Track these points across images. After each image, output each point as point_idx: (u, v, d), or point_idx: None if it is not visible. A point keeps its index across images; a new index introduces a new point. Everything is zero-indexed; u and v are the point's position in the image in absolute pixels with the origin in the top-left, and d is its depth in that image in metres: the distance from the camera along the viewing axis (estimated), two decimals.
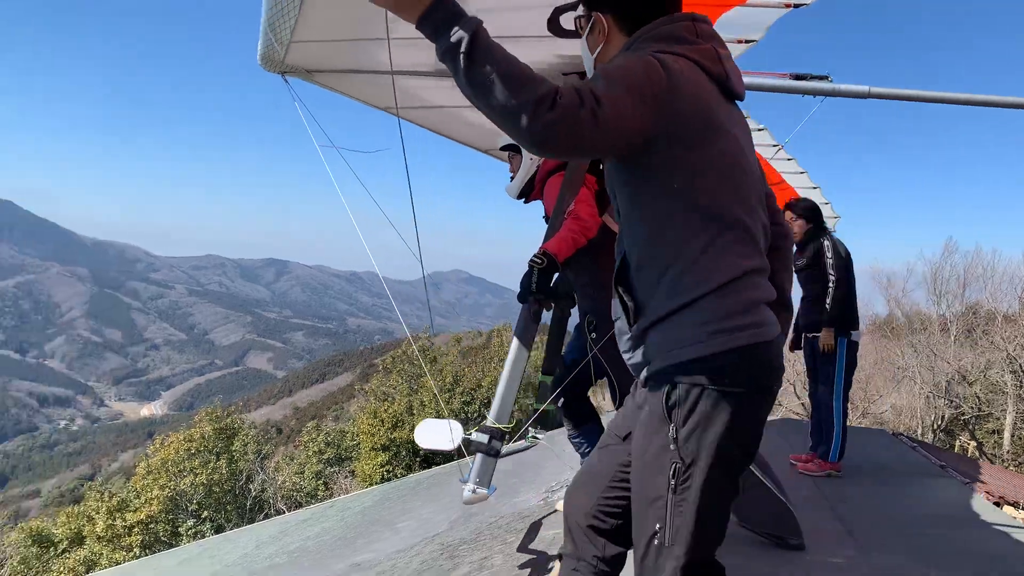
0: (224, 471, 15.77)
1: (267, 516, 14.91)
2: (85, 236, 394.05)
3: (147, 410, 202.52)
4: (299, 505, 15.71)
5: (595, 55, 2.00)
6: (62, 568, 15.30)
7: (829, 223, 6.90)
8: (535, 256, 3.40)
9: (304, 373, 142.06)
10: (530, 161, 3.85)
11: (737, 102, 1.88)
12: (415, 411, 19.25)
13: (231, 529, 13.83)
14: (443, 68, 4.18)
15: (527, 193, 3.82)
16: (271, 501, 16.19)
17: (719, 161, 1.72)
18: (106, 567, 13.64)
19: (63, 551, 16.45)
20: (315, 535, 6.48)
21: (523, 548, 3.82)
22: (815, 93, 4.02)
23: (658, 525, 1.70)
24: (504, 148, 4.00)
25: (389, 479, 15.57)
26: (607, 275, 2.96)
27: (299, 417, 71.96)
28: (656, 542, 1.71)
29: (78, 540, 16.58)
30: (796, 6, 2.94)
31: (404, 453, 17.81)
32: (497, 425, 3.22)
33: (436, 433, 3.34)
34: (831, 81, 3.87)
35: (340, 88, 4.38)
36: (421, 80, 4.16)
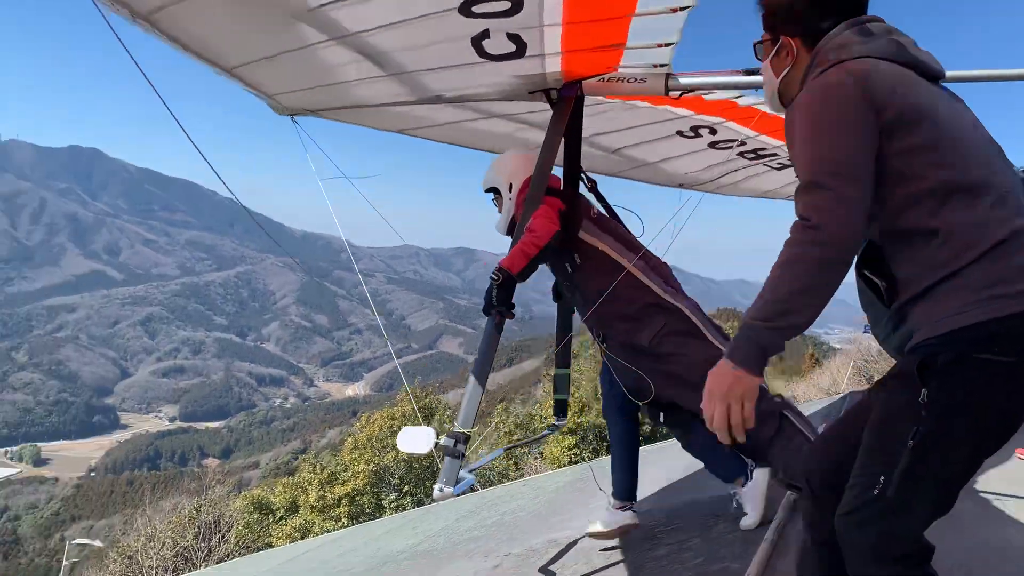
0: None
1: (462, 493, 15.41)
2: (295, 229, 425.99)
3: (351, 390, 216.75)
4: (491, 483, 16.22)
5: (781, 78, 2.05)
6: (280, 534, 16.67)
7: None
8: (493, 272, 3.60)
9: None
10: (510, 201, 4.09)
11: (940, 81, 1.91)
12: (600, 396, 19.29)
13: (430, 503, 14.52)
14: (426, 96, 4.55)
15: (512, 229, 4.02)
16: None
17: (941, 135, 1.73)
18: (318, 535, 14.76)
19: (280, 518, 17.97)
20: (511, 511, 6.69)
21: (722, 532, 3.77)
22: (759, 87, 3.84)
23: (883, 478, 1.64)
24: (487, 191, 4.23)
25: (576, 462, 15.73)
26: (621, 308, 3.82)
27: (488, 399, 74.18)
28: (876, 493, 1.65)
29: (293, 509, 18.05)
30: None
31: (591, 437, 17.92)
32: (461, 430, 3.44)
33: (414, 439, 3.56)
34: None
35: (347, 119, 4.71)
36: (409, 107, 4.48)
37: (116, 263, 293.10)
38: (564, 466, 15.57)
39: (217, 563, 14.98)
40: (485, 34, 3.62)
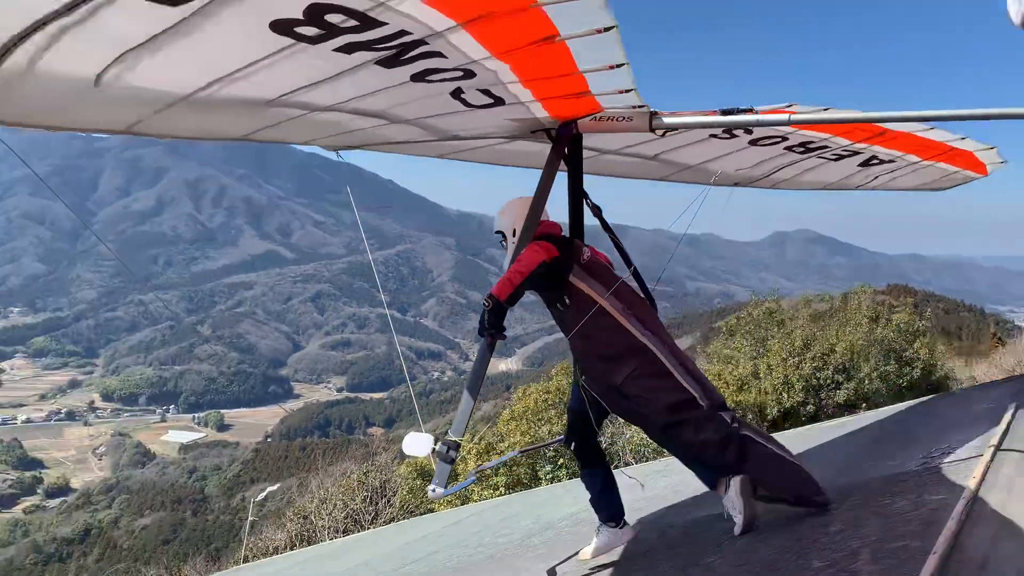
0: None
1: (617, 467, 15.43)
2: (451, 209, 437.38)
3: (504, 365, 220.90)
4: (646, 459, 16.13)
5: None
6: (442, 499, 17.31)
7: (993, 168, 6.92)
8: (485, 299, 4.22)
9: None
10: (513, 244, 4.62)
11: None
12: (761, 374, 18.74)
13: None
14: (445, 136, 4.73)
15: None
16: (620, 454, 16.82)
17: None
18: (477, 501, 15.22)
19: None
20: (671, 484, 6.65)
21: (897, 512, 3.60)
22: (741, 126, 4.46)
23: None
24: (496, 233, 4.83)
25: None
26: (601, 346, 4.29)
27: None
28: None
29: (453, 476, 18.65)
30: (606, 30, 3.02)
31: (751, 417, 17.44)
32: (453, 438, 4.07)
33: (416, 443, 4.12)
34: (755, 112, 4.22)
35: (389, 151, 5.29)
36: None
37: (288, 243, 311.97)
38: None
39: (385, 524, 15.76)
40: (459, 91, 3.84)
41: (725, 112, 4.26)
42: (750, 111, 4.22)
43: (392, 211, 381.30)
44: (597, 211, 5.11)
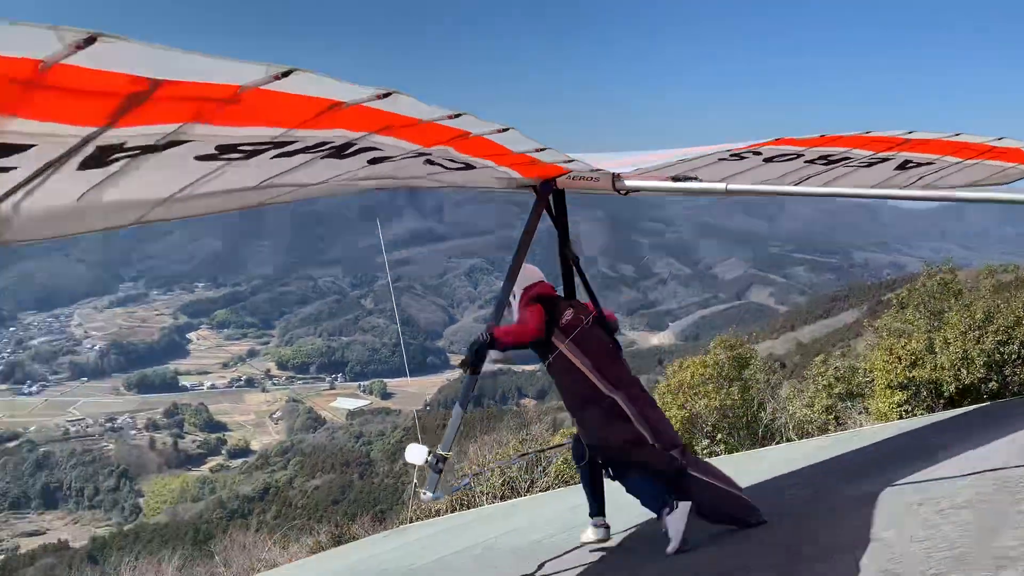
0: (736, 397, 16.37)
1: (778, 443, 15.09)
2: None
3: (656, 339, 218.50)
4: (809, 435, 15.61)
5: None
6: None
7: None
8: (485, 332, 5.28)
9: (807, 308, 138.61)
10: (516, 304, 5.81)
11: None
12: (936, 349, 17.59)
13: (743, 451, 14.35)
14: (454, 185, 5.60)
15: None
16: (782, 430, 16.35)
17: None
18: None
19: None
20: (837, 458, 6.44)
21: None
22: (686, 192, 5.16)
23: None
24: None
25: (905, 419, 14.57)
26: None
27: (803, 352, 70.75)
28: None
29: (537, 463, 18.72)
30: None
31: (924, 393, 16.43)
32: (442, 452, 5.05)
33: (415, 452, 5.19)
34: (699, 180, 4.97)
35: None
36: None
37: (443, 221, 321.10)
38: (891, 422, 14.50)
39: (540, 492, 16.09)
40: (429, 160, 4.26)
41: (675, 179, 5.13)
42: (695, 179, 5.07)
43: None
44: (575, 261, 6.20)
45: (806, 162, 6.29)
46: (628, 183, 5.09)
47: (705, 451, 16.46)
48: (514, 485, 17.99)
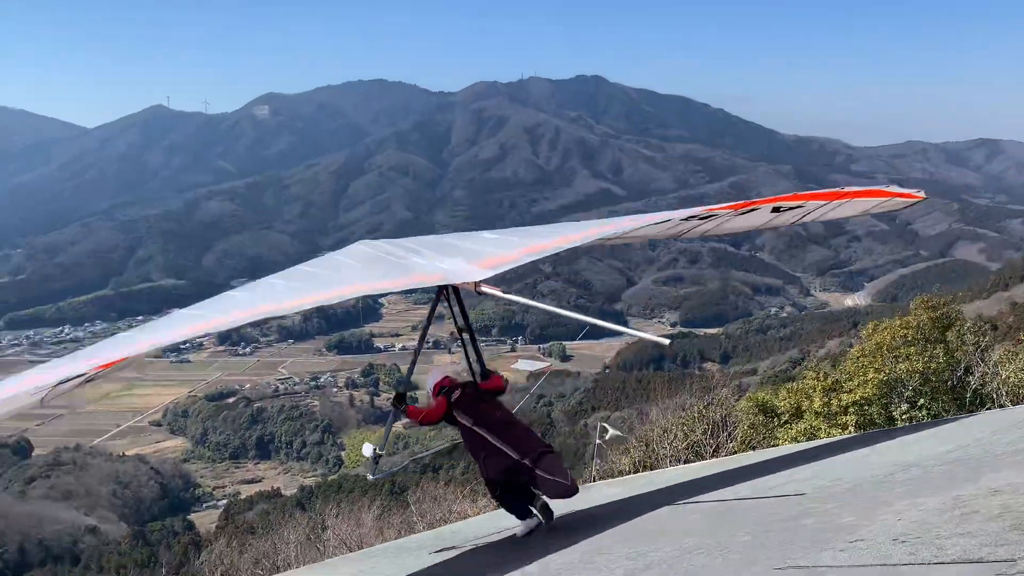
0: (941, 360, 15.26)
1: (988, 410, 13.96)
2: (787, 134, 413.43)
3: (851, 300, 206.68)
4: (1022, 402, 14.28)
5: None
6: (785, 436, 16.90)
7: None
8: (400, 408, 7.64)
9: (1023, 265, 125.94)
10: (429, 398, 7.86)
11: None
12: None
13: (947, 418, 13.40)
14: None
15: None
16: (993, 396, 15.08)
17: None
18: (823, 439, 14.64)
19: (784, 422, 18.16)
20: None
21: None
22: (494, 297, 7.56)
23: None
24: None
25: None
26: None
27: (1017, 313, 64.42)
28: None
29: (797, 414, 18.08)
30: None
31: None
32: (380, 452, 7.50)
33: (368, 448, 7.50)
34: (482, 287, 7.14)
35: None
36: None
37: (619, 181, 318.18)
38: None
39: (726, 456, 15.82)
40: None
41: (505, 291, 7.52)
42: (479, 290, 7.06)
43: (724, 141, 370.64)
44: (471, 338, 8.35)
45: (701, 219, 8.27)
46: (484, 289, 6.96)
47: (905, 416, 15.51)
48: (698, 449, 17.81)
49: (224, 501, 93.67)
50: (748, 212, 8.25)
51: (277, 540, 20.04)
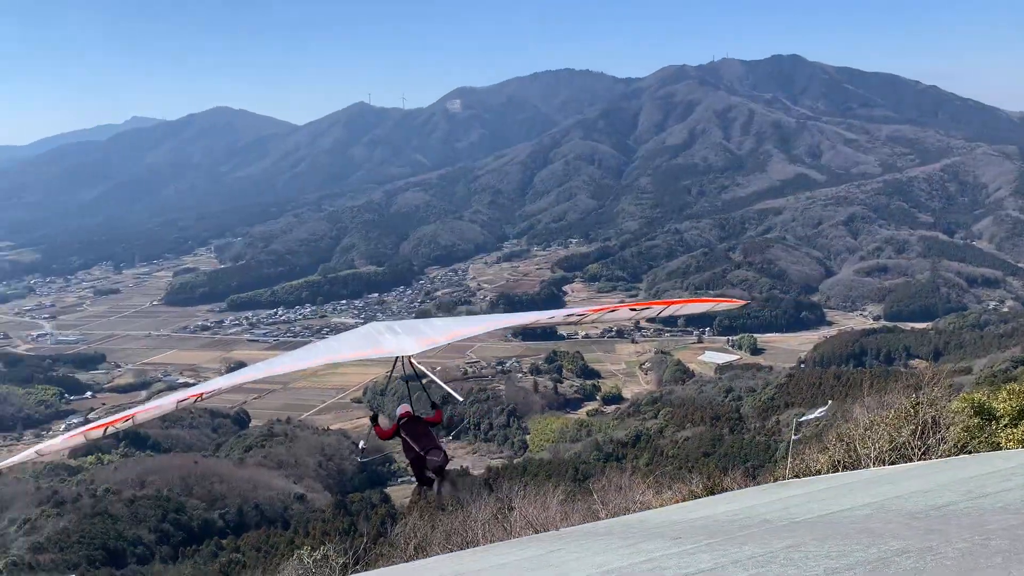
0: None
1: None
2: (1011, 112, 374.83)
3: None
4: None
5: None
6: (1011, 438, 15.44)
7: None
8: (373, 424, 12.18)
9: None
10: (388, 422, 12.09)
11: None
12: None
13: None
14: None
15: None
16: None
17: None
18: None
19: (1005, 425, 16.55)
20: None
21: None
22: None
23: None
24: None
25: None
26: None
27: None
28: None
29: (1021, 416, 16.42)
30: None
31: None
32: (364, 445, 17.65)
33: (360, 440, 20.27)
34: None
35: None
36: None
37: (818, 165, 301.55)
38: None
39: (936, 460, 14.68)
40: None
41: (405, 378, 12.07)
42: (411, 360, 11.45)
43: (936, 120, 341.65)
44: (419, 381, 11.78)
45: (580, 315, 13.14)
46: (414, 361, 11.24)
47: None
48: (905, 451, 16.63)
49: None
50: (612, 313, 13.21)
51: (466, 517, 20.83)
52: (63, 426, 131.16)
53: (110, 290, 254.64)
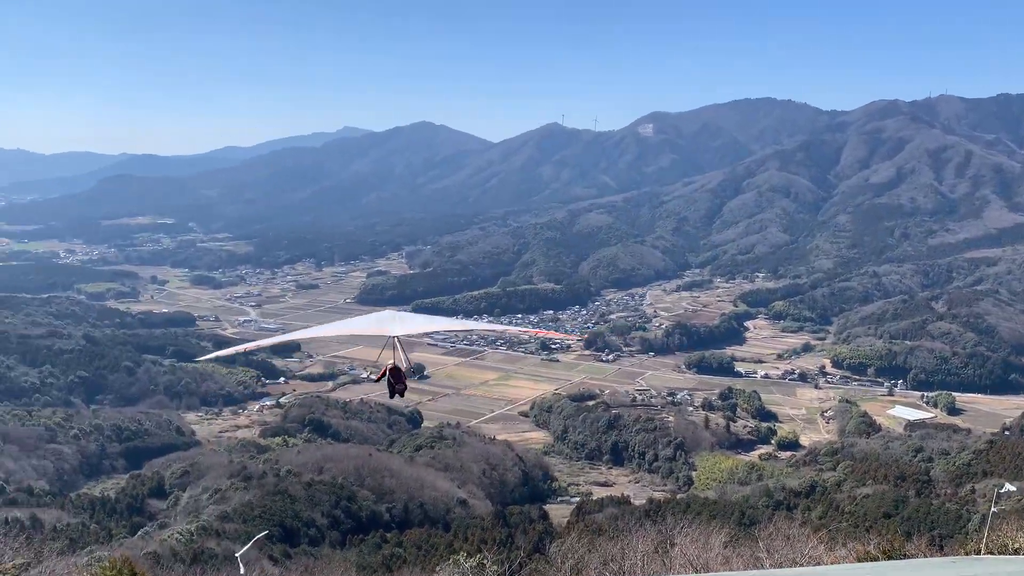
0: None
1: None
2: None
3: None
4: None
5: None
6: None
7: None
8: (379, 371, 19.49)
9: None
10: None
11: None
12: None
13: None
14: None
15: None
16: None
17: None
18: None
19: None
20: None
21: None
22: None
23: None
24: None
25: None
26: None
27: None
28: None
29: None
30: None
31: None
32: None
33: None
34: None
35: None
36: None
37: None
38: None
39: None
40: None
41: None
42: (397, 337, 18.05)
43: None
44: (401, 349, 18.15)
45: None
46: (399, 337, 17.50)
47: None
48: None
49: (577, 498, 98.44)
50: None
51: (625, 546, 20.56)
52: (256, 407, 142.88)
53: (310, 285, 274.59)
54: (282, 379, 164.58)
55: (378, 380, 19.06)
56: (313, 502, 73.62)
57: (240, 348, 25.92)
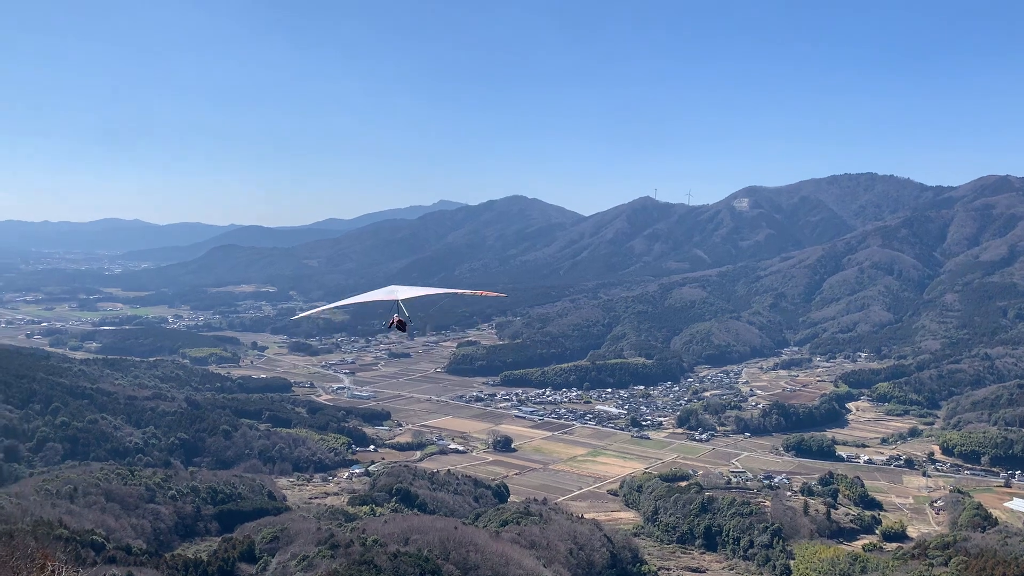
0: None
1: None
2: None
3: None
4: None
5: None
6: None
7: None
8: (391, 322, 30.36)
9: None
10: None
11: None
12: None
13: None
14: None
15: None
16: None
17: None
18: None
19: None
20: None
21: None
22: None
23: None
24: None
25: None
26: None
27: None
28: None
29: None
30: None
31: None
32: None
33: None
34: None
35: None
36: None
37: None
38: None
39: None
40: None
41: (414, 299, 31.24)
42: (399, 300, 28.71)
43: None
44: (401, 307, 29.15)
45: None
46: (401, 300, 28.25)
47: None
48: None
49: None
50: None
51: None
52: (346, 474, 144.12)
53: (403, 354, 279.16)
54: (372, 447, 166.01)
55: (390, 326, 29.39)
56: (398, 573, 72.96)
57: (317, 310, 44.26)
